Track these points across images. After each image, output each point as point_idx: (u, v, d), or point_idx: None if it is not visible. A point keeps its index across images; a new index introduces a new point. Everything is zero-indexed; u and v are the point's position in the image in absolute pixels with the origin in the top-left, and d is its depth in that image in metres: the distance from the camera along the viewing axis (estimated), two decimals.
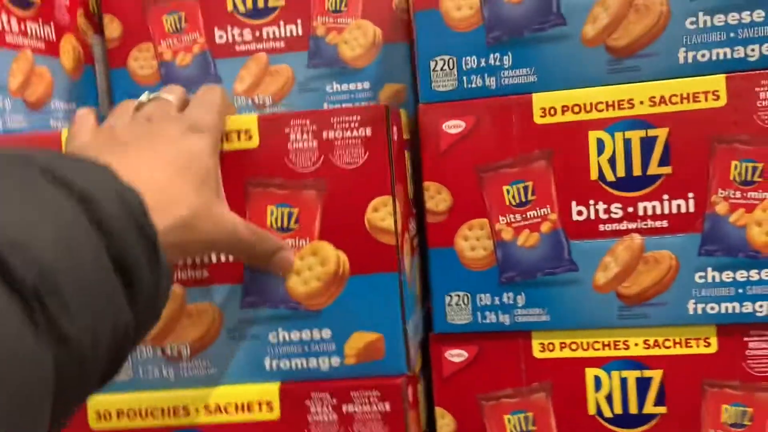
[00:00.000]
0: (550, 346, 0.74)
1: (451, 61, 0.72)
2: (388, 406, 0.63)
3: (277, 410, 0.63)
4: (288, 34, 0.83)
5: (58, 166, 0.37)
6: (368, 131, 0.60)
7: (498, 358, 0.74)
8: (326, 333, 0.63)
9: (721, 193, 0.65)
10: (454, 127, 0.73)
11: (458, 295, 0.76)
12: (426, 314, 0.76)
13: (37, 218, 0.33)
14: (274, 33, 0.83)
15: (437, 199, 0.75)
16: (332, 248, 0.61)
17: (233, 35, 0.84)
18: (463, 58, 0.73)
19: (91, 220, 0.36)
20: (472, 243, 0.73)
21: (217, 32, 0.84)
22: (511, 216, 0.74)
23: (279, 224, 0.62)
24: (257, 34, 0.83)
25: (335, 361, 0.63)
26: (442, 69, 0.73)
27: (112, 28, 0.84)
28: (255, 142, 0.61)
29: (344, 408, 0.63)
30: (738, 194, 0.67)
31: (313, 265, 0.59)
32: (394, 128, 0.61)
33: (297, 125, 0.60)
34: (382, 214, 0.60)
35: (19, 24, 0.74)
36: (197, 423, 0.63)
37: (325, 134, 0.61)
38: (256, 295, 0.63)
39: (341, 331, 0.63)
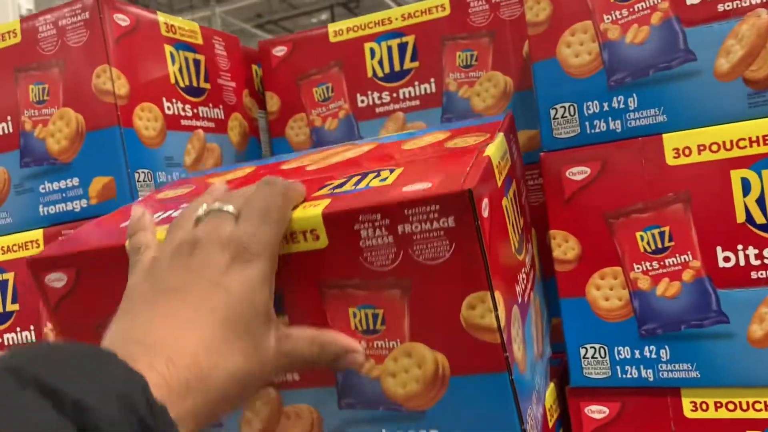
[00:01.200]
0: (704, 405, 0.47)
1: (571, 107, 0.49)
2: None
3: None
4: (422, 93, 0.64)
5: (48, 374, 0.26)
6: (451, 221, 0.37)
7: (644, 416, 0.49)
8: None
9: None
10: (578, 173, 0.49)
11: (594, 347, 0.50)
12: (560, 364, 0.55)
13: None
14: (409, 93, 0.65)
15: (564, 247, 0.51)
16: (428, 350, 0.40)
17: (373, 99, 0.66)
18: (585, 104, 0.49)
19: (82, 429, 0.24)
20: (606, 293, 0.49)
21: (359, 97, 0.67)
22: (647, 264, 0.48)
23: (364, 326, 0.41)
24: (395, 95, 0.66)
25: None
26: (563, 116, 0.49)
27: (272, 103, 0.71)
28: (323, 242, 0.39)
29: None
30: None
31: (409, 367, 0.42)
32: (484, 202, 0.39)
33: (367, 222, 0.38)
34: (480, 311, 0.38)
35: (193, 109, 0.64)
36: None
37: (400, 229, 0.38)
38: (353, 397, 0.43)
39: (448, 430, 0.41)
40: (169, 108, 0.61)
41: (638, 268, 0.47)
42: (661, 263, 0.47)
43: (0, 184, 0.58)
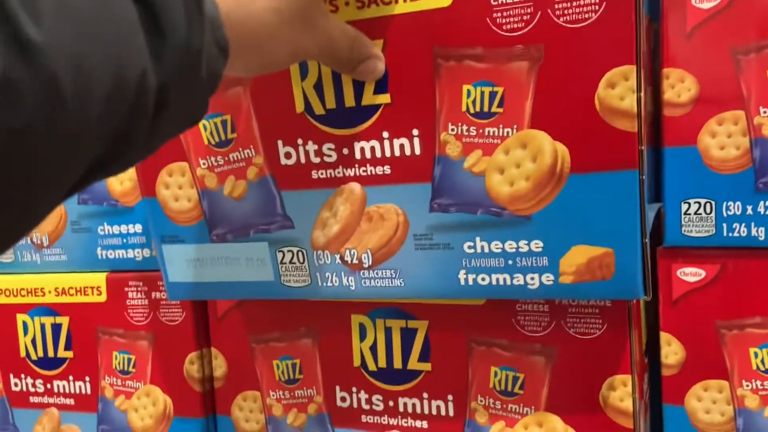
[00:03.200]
0: None
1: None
2: (610, 330, 0.39)
3: None
4: None
5: None
6: None
7: (746, 279, 0.44)
8: (537, 245, 0.37)
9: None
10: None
11: (699, 202, 0.45)
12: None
13: None
14: None
15: (679, 88, 0.44)
16: (548, 138, 0.35)
17: None
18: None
19: None
20: (721, 140, 0.43)
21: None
22: None
23: (478, 108, 0.35)
24: None
25: (547, 278, 0.37)
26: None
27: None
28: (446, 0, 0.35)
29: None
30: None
31: (521, 161, 0.37)
32: None
33: None
34: (620, 91, 0.33)
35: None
36: None
37: None
38: (448, 195, 0.38)
39: (556, 242, 0.36)
40: None
41: None
42: None
43: (56, 218, 0.54)
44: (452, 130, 0.36)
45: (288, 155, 0.39)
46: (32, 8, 0.17)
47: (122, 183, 0.51)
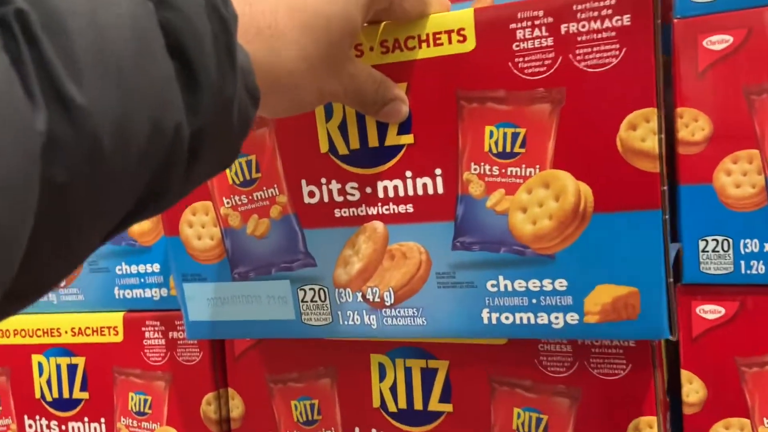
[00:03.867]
0: None
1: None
2: (635, 370, 0.39)
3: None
4: None
5: None
6: (626, 20, 0.33)
7: (766, 316, 0.44)
8: (561, 284, 0.38)
9: None
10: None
11: (716, 240, 0.46)
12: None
13: None
14: None
15: (693, 127, 0.46)
16: (570, 178, 0.37)
17: None
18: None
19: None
20: (737, 178, 0.44)
21: None
22: None
23: (500, 148, 0.37)
24: None
25: (572, 318, 0.38)
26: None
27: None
28: (470, 44, 0.36)
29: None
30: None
31: (544, 200, 0.38)
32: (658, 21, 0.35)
33: (526, 20, 0.35)
34: (641, 132, 0.35)
35: None
36: None
37: (563, 29, 0.34)
38: (471, 234, 0.39)
39: (581, 281, 0.37)
40: None
41: None
42: None
43: None
44: (475, 169, 0.36)
45: (311, 194, 0.39)
46: (72, 65, 0.18)
47: (140, 223, 0.52)
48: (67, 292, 0.55)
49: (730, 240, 0.46)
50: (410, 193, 0.38)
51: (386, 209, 0.38)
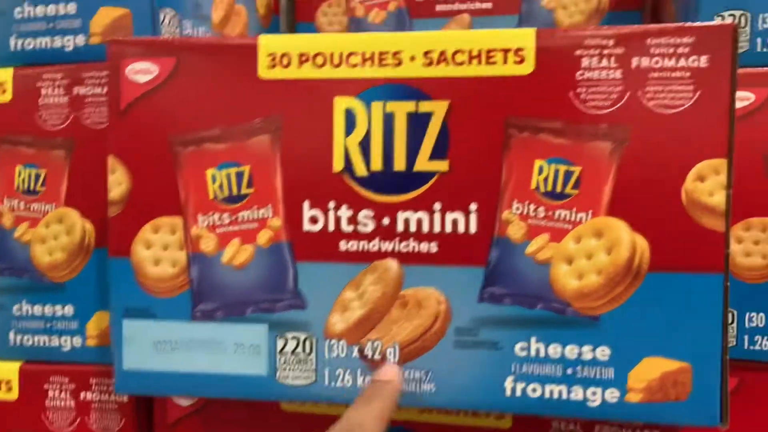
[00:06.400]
0: None
1: (743, 17, 0.43)
2: None
3: None
4: None
5: None
6: (703, 61, 0.32)
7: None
8: (603, 352, 0.34)
9: None
10: None
11: None
12: None
13: None
14: None
15: None
16: (626, 229, 0.33)
17: None
18: (761, 15, 0.43)
19: None
20: (747, 247, 0.42)
21: None
22: None
23: (549, 187, 0.33)
24: None
25: (612, 394, 0.33)
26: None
27: None
28: (528, 67, 0.33)
29: None
30: None
31: (594, 251, 0.34)
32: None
33: (594, 47, 0.32)
34: (709, 185, 0.32)
35: None
36: None
37: (635, 62, 0.32)
38: (503, 284, 0.34)
39: (627, 351, 0.33)
40: None
41: None
42: None
43: None
44: (517, 208, 0.33)
45: (314, 220, 0.34)
46: None
47: (52, 253, 0.43)
48: None
49: (734, 312, 0.46)
50: (436, 229, 0.33)
51: (404, 246, 0.34)
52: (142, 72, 0.36)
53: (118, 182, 0.36)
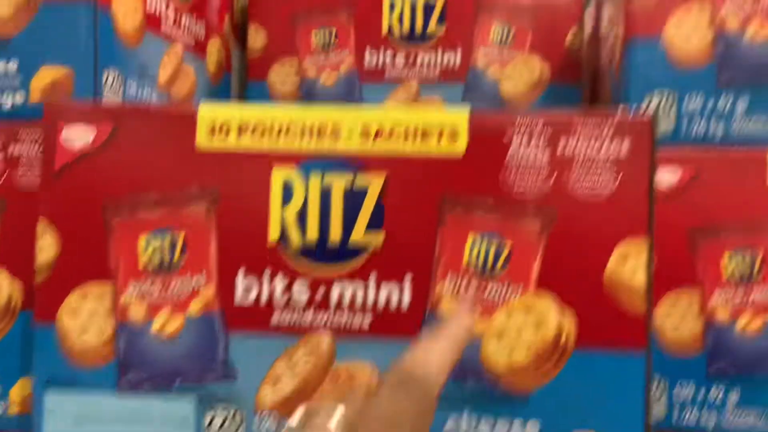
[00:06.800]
0: None
1: (671, 96, 0.46)
2: None
3: None
4: (445, 63, 0.60)
5: None
6: (624, 147, 0.34)
7: None
8: (533, 427, 0.34)
9: None
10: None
11: (656, 382, 0.46)
12: None
13: None
14: (429, 61, 0.60)
15: None
16: (554, 307, 0.34)
17: (385, 59, 0.60)
18: (687, 95, 0.46)
19: None
20: (675, 321, 0.45)
21: (368, 53, 0.60)
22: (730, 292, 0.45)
23: (480, 262, 0.34)
24: (411, 60, 0.60)
25: None
26: (659, 106, 0.46)
27: (257, 38, 0.62)
28: (460, 147, 0.34)
29: None
30: None
31: (523, 327, 0.35)
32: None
33: (524, 126, 0.34)
34: (632, 265, 0.34)
35: (176, 14, 0.55)
36: None
37: (562, 144, 0.34)
38: None
39: (555, 426, 0.34)
40: (151, 4, 0.53)
41: (720, 296, 0.46)
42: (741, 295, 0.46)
43: None
44: (451, 282, 0.34)
45: (247, 289, 0.34)
46: None
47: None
48: None
49: (666, 383, 0.47)
50: (370, 301, 0.34)
51: (338, 318, 0.34)
52: (77, 136, 0.36)
53: (46, 247, 0.35)
